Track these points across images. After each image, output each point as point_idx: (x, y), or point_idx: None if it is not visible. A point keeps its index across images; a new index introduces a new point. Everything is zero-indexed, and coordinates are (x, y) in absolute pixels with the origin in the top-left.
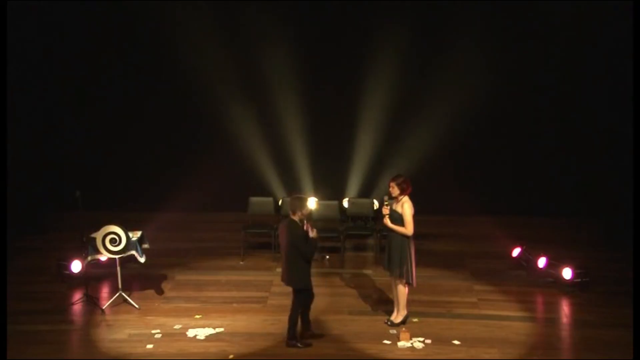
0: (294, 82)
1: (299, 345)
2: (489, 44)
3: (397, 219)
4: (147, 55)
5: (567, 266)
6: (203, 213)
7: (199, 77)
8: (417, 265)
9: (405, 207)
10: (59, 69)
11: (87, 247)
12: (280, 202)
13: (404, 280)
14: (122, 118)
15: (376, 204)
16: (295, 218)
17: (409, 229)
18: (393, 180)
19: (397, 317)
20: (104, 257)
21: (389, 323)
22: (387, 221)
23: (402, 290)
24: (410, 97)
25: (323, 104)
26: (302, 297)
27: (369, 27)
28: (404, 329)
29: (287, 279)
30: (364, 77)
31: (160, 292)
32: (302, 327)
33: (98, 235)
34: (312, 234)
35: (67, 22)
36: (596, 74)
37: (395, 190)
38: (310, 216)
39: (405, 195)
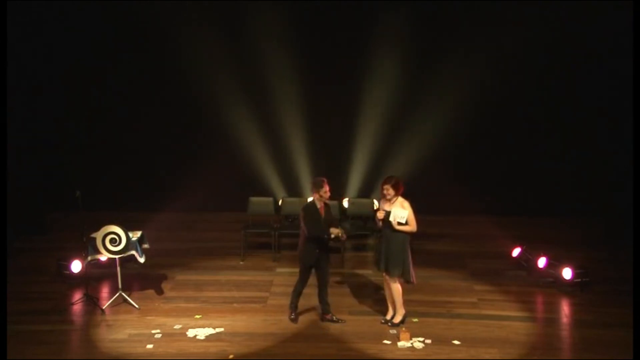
0: (294, 82)
1: (292, 317)
2: (489, 44)
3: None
4: (148, 55)
5: (567, 266)
6: (203, 213)
7: (199, 77)
8: (417, 265)
9: (406, 206)
10: (60, 69)
11: (87, 247)
12: (280, 202)
13: (402, 279)
14: (122, 118)
15: (376, 204)
16: (316, 197)
17: (414, 225)
18: (387, 182)
19: (396, 317)
20: (104, 257)
21: (389, 324)
22: (397, 227)
23: (399, 290)
24: (410, 97)
25: (323, 104)
26: (302, 273)
27: (369, 26)
28: (404, 329)
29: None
30: (364, 77)
31: (160, 292)
32: (320, 309)
33: (98, 235)
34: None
35: (68, 22)
36: (596, 73)
37: (390, 192)
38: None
39: (399, 195)
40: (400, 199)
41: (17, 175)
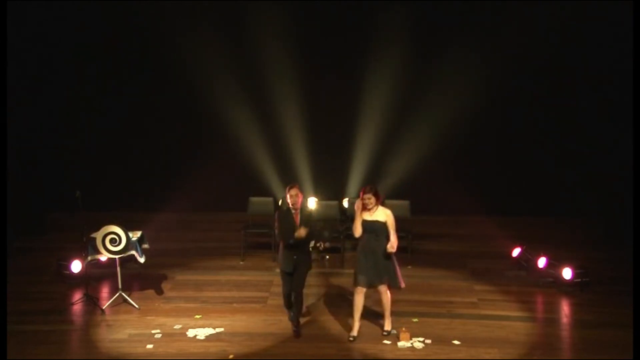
0: (294, 82)
1: (291, 317)
2: (490, 44)
3: (380, 227)
4: (148, 55)
5: (567, 266)
6: (203, 213)
7: (199, 77)
8: (417, 265)
9: (389, 213)
10: (60, 69)
11: (87, 247)
12: (280, 202)
13: (391, 286)
14: (122, 118)
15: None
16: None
17: (396, 235)
18: (368, 192)
19: (389, 324)
20: (104, 257)
21: (384, 333)
22: (391, 250)
23: (389, 296)
24: (410, 97)
25: (323, 104)
26: (281, 278)
27: (370, 26)
28: (403, 328)
29: None
30: (364, 77)
31: (160, 292)
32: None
33: (98, 235)
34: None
35: (67, 22)
36: (595, 73)
37: (372, 201)
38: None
39: (379, 204)
40: (380, 207)
41: (17, 175)
